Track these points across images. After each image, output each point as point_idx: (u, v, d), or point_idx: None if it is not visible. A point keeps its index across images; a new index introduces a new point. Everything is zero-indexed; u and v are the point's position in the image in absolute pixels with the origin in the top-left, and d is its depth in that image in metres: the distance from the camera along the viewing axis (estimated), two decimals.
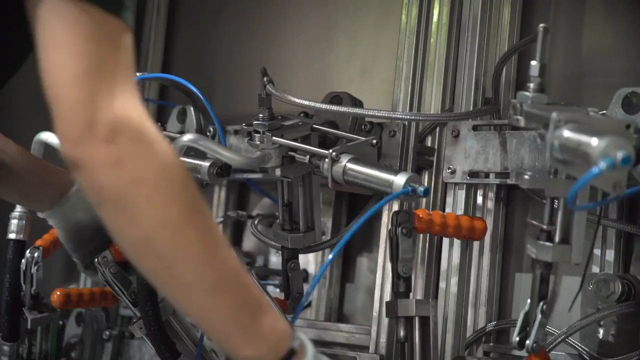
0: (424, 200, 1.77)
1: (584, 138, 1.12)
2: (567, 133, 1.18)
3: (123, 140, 0.99)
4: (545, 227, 1.44)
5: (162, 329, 1.54)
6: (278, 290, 1.83)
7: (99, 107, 0.98)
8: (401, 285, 1.55)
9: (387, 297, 1.71)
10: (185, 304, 1.10)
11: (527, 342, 1.42)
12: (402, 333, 1.52)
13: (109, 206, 1.03)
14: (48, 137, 1.69)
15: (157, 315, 1.54)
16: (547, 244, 1.41)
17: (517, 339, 1.43)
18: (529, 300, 1.44)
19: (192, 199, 1.05)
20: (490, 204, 1.72)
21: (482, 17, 1.74)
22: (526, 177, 1.45)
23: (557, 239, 1.41)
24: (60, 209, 1.47)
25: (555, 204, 1.43)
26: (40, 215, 1.50)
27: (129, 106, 1.01)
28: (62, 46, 0.99)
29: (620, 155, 1.04)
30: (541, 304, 1.43)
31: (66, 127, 1.00)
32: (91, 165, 1.00)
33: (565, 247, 1.40)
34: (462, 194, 1.73)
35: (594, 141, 1.08)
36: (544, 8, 1.74)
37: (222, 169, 1.69)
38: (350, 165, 1.51)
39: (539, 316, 1.42)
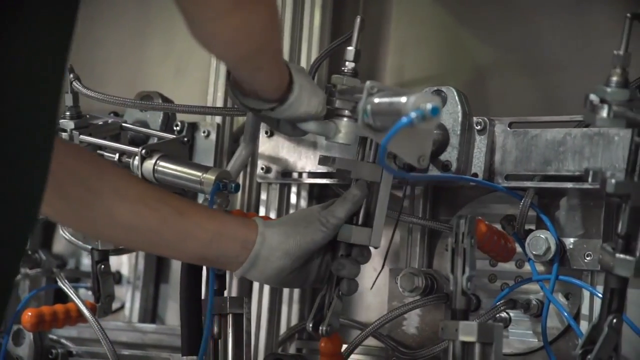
0: (238, 199, 1.78)
1: (394, 99, 1.16)
2: (378, 98, 1.22)
3: None
4: None
5: None
6: (90, 293, 1.79)
7: None
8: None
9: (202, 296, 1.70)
10: None
11: (321, 326, 1.43)
12: (215, 330, 1.52)
13: None
14: None
15: None
16: (348, 225, 1.43)
17: (311, 323, 1.44)
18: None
19: None
20: (303, 202, 1.75)
21: (293, 19, 1.77)
22: (334, 160, 1.47)
23: (359, 221, 1.43)
24: None
25: None
26: None
27: None
28: None
29: (429, 106, 1.07)
30: (337, 288, 1.44)
31: None
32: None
33: (365, 229, 1.42)
34: (275, 193, 1.75)
35: (404, 98, 1.12)
36: (353, 12, 1.79)
37: None
38: (161, 162, 1.50)
39: (335, 300, 1.43)
